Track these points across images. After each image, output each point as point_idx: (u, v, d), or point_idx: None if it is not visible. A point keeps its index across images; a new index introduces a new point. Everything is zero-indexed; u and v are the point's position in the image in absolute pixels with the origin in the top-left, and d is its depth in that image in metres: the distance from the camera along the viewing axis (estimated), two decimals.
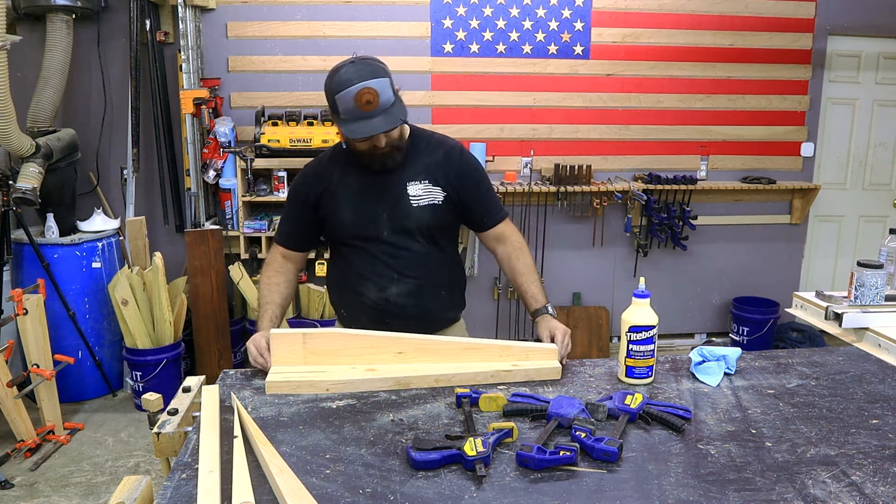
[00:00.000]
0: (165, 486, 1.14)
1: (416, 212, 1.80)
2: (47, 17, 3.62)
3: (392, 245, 1.82)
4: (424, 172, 1.83)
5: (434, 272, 1.87)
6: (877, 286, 2.01)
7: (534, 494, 1.13)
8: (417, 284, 1.84)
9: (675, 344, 4.71)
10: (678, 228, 4.35)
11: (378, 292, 1.84)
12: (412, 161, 1.84)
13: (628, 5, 4.25)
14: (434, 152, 1.86)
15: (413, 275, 1.83)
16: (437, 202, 1.82)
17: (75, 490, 2.91)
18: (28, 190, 3.37)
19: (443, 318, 1.96)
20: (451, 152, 1.87)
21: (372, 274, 1.84)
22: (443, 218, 1.85)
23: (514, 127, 4.32)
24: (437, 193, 1.82)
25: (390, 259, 1.83)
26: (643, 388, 1.56)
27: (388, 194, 1.81)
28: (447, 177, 1.84)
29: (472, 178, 1.88)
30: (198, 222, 3.89)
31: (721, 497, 1.12)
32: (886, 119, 4.67)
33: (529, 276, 1.89)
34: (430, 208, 1.81)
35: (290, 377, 1.56)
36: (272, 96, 4.12)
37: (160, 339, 3.65)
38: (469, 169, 1.88)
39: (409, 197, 1.80)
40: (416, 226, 1.81)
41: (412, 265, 1.83)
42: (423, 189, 1.81)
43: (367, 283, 1.85)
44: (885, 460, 1.24)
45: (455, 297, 1.99)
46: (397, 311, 1.84)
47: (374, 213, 1.81)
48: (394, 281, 1.83)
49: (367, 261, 1.84)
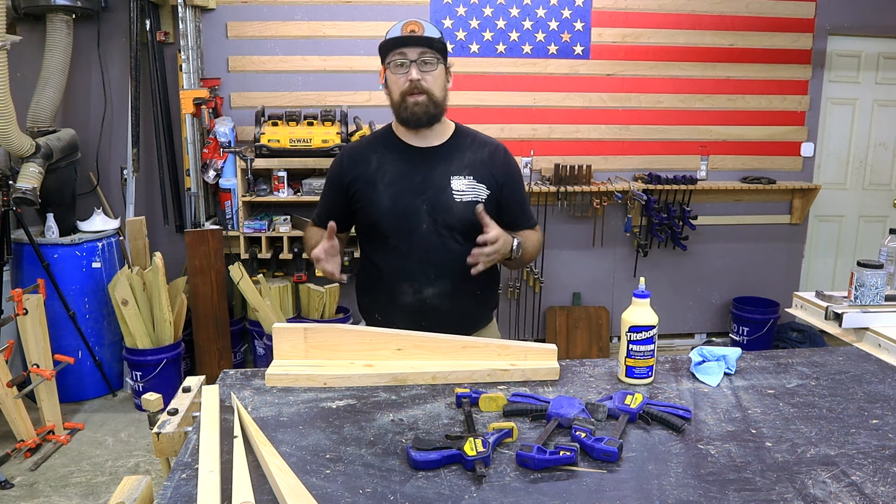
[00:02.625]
0: (165, 486, 1.14)
1: (459, 207, 1.77)
2: (47, 17, 3.63)
3: (430, 241, 1.78)
4: (469, 168, 1.81)
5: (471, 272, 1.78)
6: (877, 286, 2.01)
7: (534, 494, 1.13)
8: (455, 285, 1.79)
9: (675, 344, 4.71)
10: (678, 228, 4.35)
11: (414, 294, 1.79)
12: (457, 155, 1.82)
13: (628, 5, 4.25)
14: (479, 150, 1.85)
15: (450, 275, 1.79)
16: (481, 199, 1.79)
17: (75, 490, 2.91)
18: (28, 190, 3.37)
19: (479, 319, 1.93)
20: (496, 152, 1.87)
21: (407, 273, 1.80)
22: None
23: (514, 127, 4.32)
24: (482, 191, 1.80)
25: (427, 257, 1.78)
26: (643, 388, 1.56)
27: (430, 186, 1.78)
28: (492, 175, 1.82)
29: (513, 181, 1.89)
30: (198, 222, 3.89)
31: (721, 497, 1.12)
32: (886, 119, 4.68)
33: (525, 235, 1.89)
34: (473, 205, 1.76)
35: (289, 370, 1.58)
36: (272, 96, 4.12)
37: (160, 339, 3.65)
38: (512, 171, 1.89)
39: (453, 191, 1.78)
40: (459, 222, 1.78)
41: (449, 264, 1.78)
42: (467, 185, 1.79)
43: (402, 283, 1.80)
44: (885, 460, 1.24)
45: (489, 298, 1.96)
46: (433, 313, 1.80)
47: (413, 204, 1.77)
48: (430, 281, 1.79)
49: (402, 259, 1.80)
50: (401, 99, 1.75)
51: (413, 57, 1.72)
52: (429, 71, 1.73)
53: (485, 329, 1.95)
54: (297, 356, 1.64)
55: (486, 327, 1.97)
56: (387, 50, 1.74)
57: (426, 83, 1.73)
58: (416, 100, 1.74)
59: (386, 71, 1.78)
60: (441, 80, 1.77)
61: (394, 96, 1.77)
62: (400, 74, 1.73)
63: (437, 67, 1.75)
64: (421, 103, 1.74)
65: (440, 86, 1.77)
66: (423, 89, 1.73)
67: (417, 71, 1.71)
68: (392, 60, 1.74)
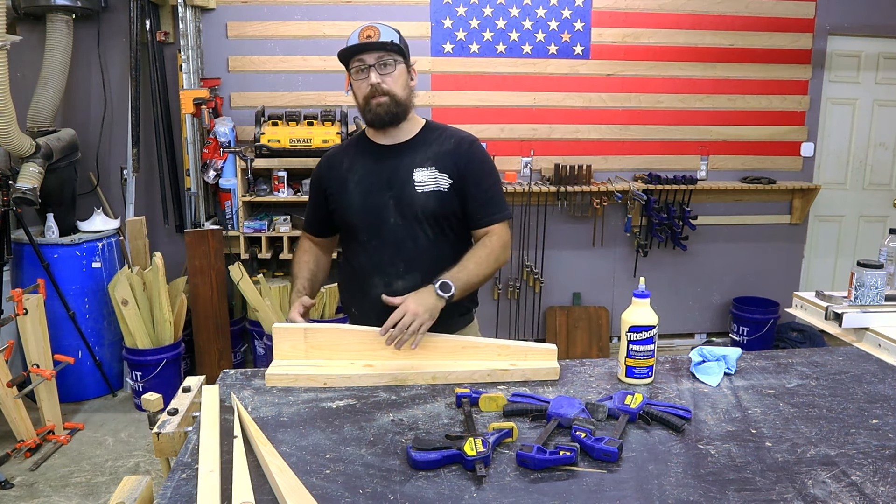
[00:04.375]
0: (165, 486, 1.14)
1: (421, 198, 1.80)
2: (47, 17, 3.63)
3: (399, 234, 1.81)
4: (432, 159, 1.83)
5: (443, 265, 1.78)
6: (877, 286, 2.01)
7: (534, 494, 1.13)
8: (424, 278, 1.78)
9: (675, 344, 4.71)
10: (678, 228, 4.35)
11: (385, 287, 1.81)
12: (421, 149, 1.85)
13: (628, 5, 4.25)
14: (445, 142, 1.87)
15: (420, 268, 1.81)
16: (443, 189, 1.81)
17: (75, 490, 2.91)
18: (28, 190, 3.37)
19: (454, 316, 1.90)
20: (461, 142, 1.87)
21: (378, 268, 1.83)
22: (449, 206, 1.83)
23: (514, 127, 4.32)
24: (443, 181, 1.82)
25: (396, 251, 1.82)
26: (643, 388, 1.56)
27: (396, 180, 1.82)
28: (455, 165, 1.83)
29: (477, 171, 1.86)
30: (198, 222, 3.89)
31: (721, 497, 1.12)
32: (886, 119, 4.67)
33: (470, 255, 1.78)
34: (435, 195, 1.80)
35: (289, 370, 1.58)
36: (272, 96, 4.12)
37: (160, 339, 3.65)
38: (475, 161, 1.86)
39: (415, 183, 1.80)
40: (423, 213, 1.80)
41: (419, 257, 1.80)
42: (428, 175, 1.81)
43: (373, 277, 1.83)
44: (885, 460, 1.24)
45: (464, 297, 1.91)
46: None
47: (381, 200, 1.82)
48: (401, 275, 1.82)
49: (374, 254, 1.84)
50: (364, 103, 1.80)
51: (371, 62, 1.76)
52: (388, 73, 1.77)
53: (465, 329, 1.95)
54: (297, 356, 1.65)
55: (466, 327, 1.96)
56: (347, 58, 1.79)
57: (386, 85, 1.77)
58: (378, 101, 1.78)
59: (349, 77, 1.84)
60: (402, 79, 1.81)
61: (359, 101, 1.83)
62: (361, 80, 1.79)
63: (396, 68, 1.78)
64: (383, 104, 1.79)
65: (401, 85, 1.80)
66: (384, 91, 1.77)
67: (377, 74, 1.76)
68: (353, 67, 1.79)
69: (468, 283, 1.74)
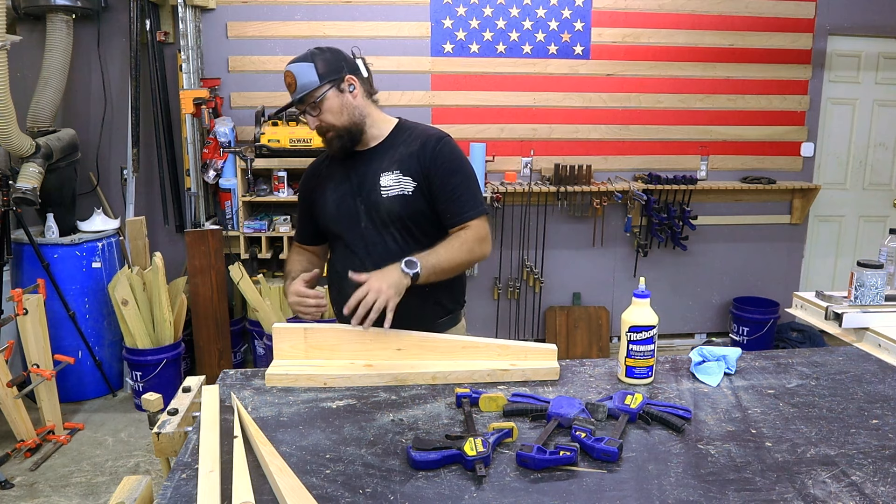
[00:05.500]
0: (165, 486, 1.14)
1: (386, 202, 1.80)
2: (47, 17, 3.63)
3: (369, 238, 1.84)
4: (398, 163, 1.82)
5: None
6: (877, 286, 2.01)
7: (534, 494, 1.13)
8: None
9: (675, 344, 4.71)
10: (678, 228, 4.35)
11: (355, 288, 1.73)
12: (388, 152, 1.85)
13: (628, 5, 4.25)
14: (412, 143, 1.84)
15: None
16: (407, 192, 1.79)
17: (75, 490, 2.91)
18: (28, 190, 3.37)
19: (436, 317, 1.89)
20: (427, 142, 1.82)
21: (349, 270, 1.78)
22: (415, 209, 1.81)
23: (514, 127, 4.32)
24: (408, 184, 1.80)
25: (366, 254, 1.84)
26: (643, 388, 1.56)
27: (364, 185, 1.84)
28: (419, 166, 1.80)
29: (443, 170, 1.79)
30: (198, 222, 3.89)
31: (721, 497, 1.12)
32: (886, 119, 4.67)
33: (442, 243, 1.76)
34: (399, 199, 1.79)
35: (289, 370, 1.59)
36: (272, 96, 4.12)
37: (160, 339, 3.65)
38: (441, 160, 1.80)
39: (381, 188, 1.81)
40: (389, 217, 1.81)
41: (389, 260, 1.73)
42: (393, 180, 1.81)
43: (345, 279, 1.79)
44: (885, 460, 1.24)
45: (443, 296, 1.91)
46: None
47: (353, 205, 1.86)
48: None
49: (347, 256, 1.88)
50: (321, 138, 1.85)
51: (300, 110, 1.80)
52: (319, 113, 1.78)
53: (452, 330, 1.92)
54: (297, 356, 1.65)
55: (453, 328, 1.94)
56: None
57: (326, 122, 1.79)
58: (327, 138, 1.83)
59: None
60: (336, 107, 1.77)
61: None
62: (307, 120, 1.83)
63: (326, 104, 1.77)
64: (332, 139, 1.83)
65: (339, 114, 1.79)
66: (325, 129, 1.81)
67: (312, 119, 1.80)
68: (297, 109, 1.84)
69: (436, 267, 1.70)
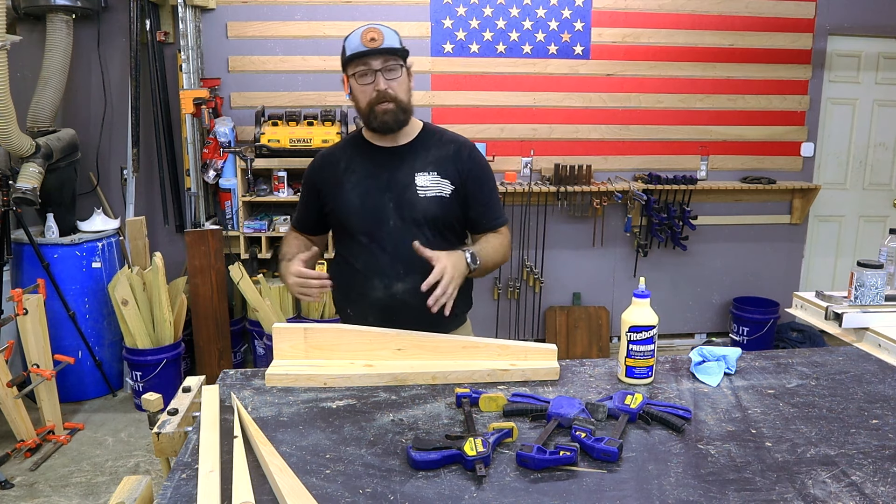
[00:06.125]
0: (165, 486, 1.14)
1: (423, 202, 1.80)
2: (47, 17, 3.62)
3: (399, 237, 1.80)
4: (434, 164, 1.83)
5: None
6: (877, 286, 2.01)
7: (534, 494, 1.13)
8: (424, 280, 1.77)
9: (675, 344, 4.71)
10: (678, 228, 4.35)
11: (384, 290, 1.81)
12: (421, 153, 1.85)
13: (628, 5, 4.25)
14: (445, 146, 1.87)
15: (420, 270, 1.77)
16: (445, 195, 1.82)
17: (75, 490, 2.91)
18: (28, 190, 3.37)
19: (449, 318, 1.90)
20: (461, 148, 1.88)
21: (378, 270, 1.82)
22: (450, 211, 1.85)
23: (514, 127, 4.32)
24: (446, 186, 1.83)
25: (394, 253, 1.81)
26: (643, 388, 1.56)
27: (396, 183, 1.81)
28: (456, 171, 1.84)
29: (478, 178, 1.88)
30: (198, 222, 3.89)
31: (721, 497, 1.12)
32: (886, 119, 4.67)
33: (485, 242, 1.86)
34: (437, 200, 1.81)
35: (289, 370, 1.58)
36: (272, 96, 4.12)
37: (160, 339, 3.65)
38: (477, 168, 1.88)
39: (417, 187, 1.80)
40: (424, 217, 1.81)
41: (418, 260, 1.76)
42: (431, 180, 1.82)
43: (372, 279, 1.82)
44: (885, 460, 1.24)
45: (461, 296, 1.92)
46: (403, 307, 1.81)
47: (380, 202, 1.81)
48: (400, 277, 1.81)
49: (373, 256, 1.83)
50: (368, 108, 1.78)
51: (377, 67, 1.73)
52: (394, 78, 1.75)
53: (458, 330, 1.95)
54: (297, 356, 1.64)
55: (459, 328, 1.96)
56: (349, 61, 1.76)
57: (393, 91, 1.76)
58: (384, 108, 1.76)
59: (349, 80, 1.80)
60: (405, 84, 1.80)
61: (360, 105, 1.80)
62: (366, 84, 1.75)
63: (401, 73, 1.77)
64: (390, 111, 1.77)
65: (405, 90, 1.80)
66: (390, 97, 1.76)
67: (384, 80, 1.74)
68: (357, 71, 1.76)
69: (485, 264, 1.80)
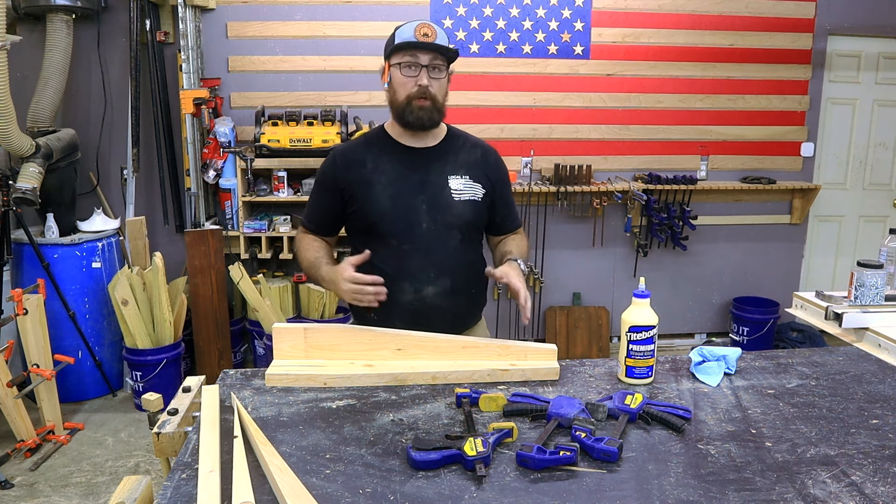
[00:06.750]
0: (165, 486, 1.14)
1: (457, 206, 1.80)
2: (47, 17, 3.62)
3: (430, 240, 1.79)
4: (465, 168, 1.84)
5: (468, 270, 1.85)
6: (877, 286, 2.01)
7: (534, 494, 1.13)
8: (454, 283, 1.81)
9: (675, 344, 4.71)
10: (678, 228, 4.35)
11: (414, 293, 1.79)
12: (451, 156, 1.85)
13: (628, 5, 4.25)
14: (472, 151, 1.89)
15: (450, 273, 1.80)
16: (477, 199, 1.84)
17: (75, 490, 2.91)
18: (28, 190, 3.37)
19: (471, 318, 1.97)
20: (488, 153, 1.92)
21: (408, 272, 1.78)
22: (481, 215, 1.87)
23: (514, 127, 4.32)
24: (478, 190, 1.84)
25: (427, 256, 1.78)
26: (643, 388, 1.56)
27: (429, 185, 1.80)
28: (486, 176, 1.87)
29: (505, 182, 1.95)
30: (198, 222, 3.89)
31: (721, 497, 1.12)
32: (886, 119, 4.67)
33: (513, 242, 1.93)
34: (471, 204, 1.82)
35: (289, 370, 1.58)
36: (272, 96, 4.12)
37: (160, 339, 3.65)
38: (502, 173, 1.94)
39: (452, 190, 1.80)
40: (457, 220, 1.81)
41: (449, 263, 1.79)
42: (464, 184, 1.82)
43: (403, 282, 1.78)
44: (885, 460, 1.24)
45: (481, 296, 1.99)
46: (432, 311, 1.80)
47: (413, 204, 1.78)
48: (431, 280, 1.79)
49: (404, 258, 1.78)
50: (406, 101, 1.76)
51: (424, 62, 1.73)
52: (437, 77, 1.76)
53: (475, 328, 1.98)
54: (297, 356, 1.64)
55: (475, 326, 1.99)
56: (397, 50, 1.75)
57: (433, 89, 1.75)
58: (421, 104, 1.75)
59: (391, 69, 1.78)
60: (445, 87, 1.81)
61: (398, 97, 1.77)
62: (408, 77, 1.74)
63: (444, 75, 1.78)
64: (427, 108, 1.76)
65: (444, 93, 1.80)
66: (430, 95, 1.75)
67: (427, 77, 1.74)
68: (402, 61, 1.74)
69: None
